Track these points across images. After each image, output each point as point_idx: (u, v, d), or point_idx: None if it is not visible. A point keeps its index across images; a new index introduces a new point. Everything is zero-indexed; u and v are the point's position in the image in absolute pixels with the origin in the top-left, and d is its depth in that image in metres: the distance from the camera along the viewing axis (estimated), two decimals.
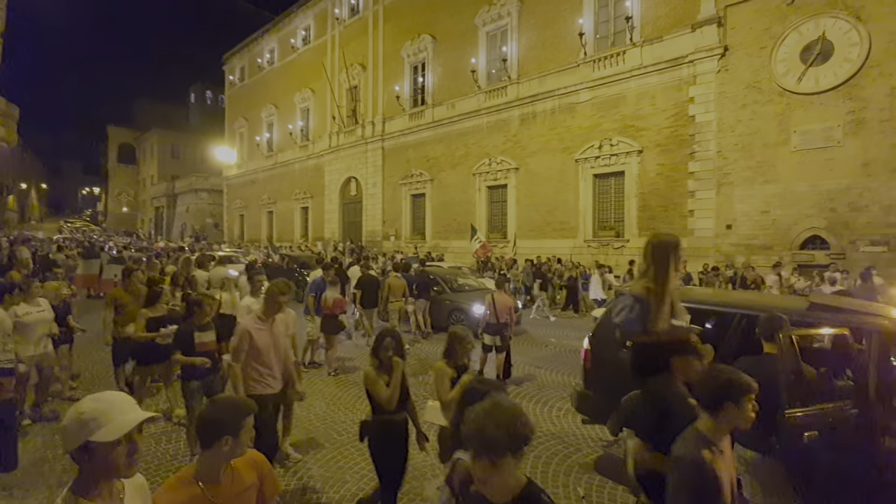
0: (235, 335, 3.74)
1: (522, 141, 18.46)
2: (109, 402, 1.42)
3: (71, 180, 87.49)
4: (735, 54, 13.25)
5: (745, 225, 13.06)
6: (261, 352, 3.72)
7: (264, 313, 3.82)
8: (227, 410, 1.78)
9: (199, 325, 4.34)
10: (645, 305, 2.73)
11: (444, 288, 11.17)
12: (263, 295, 3.97)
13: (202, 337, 4.31)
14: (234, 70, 39.98)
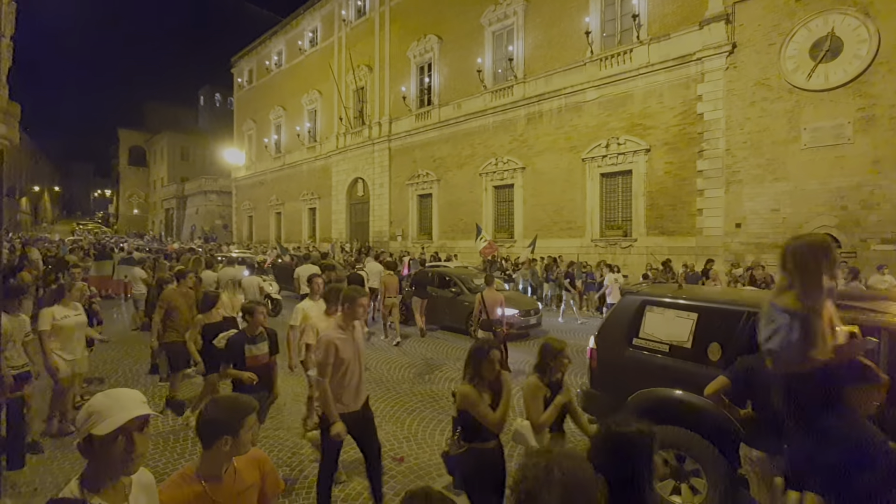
0: (319, 348, 3.36)
1: (529, 140, 18.43)
2: (116, 399, 1.46)
3: (83, 183, 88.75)
4: (743, 51, 13.12)
5: (755, 223, 12.93)
6: (345, 365, 3.35)
7: (344, 321, 3.43)
8: (227, 410, 1.78)
9: (251, 337, 4.00)
10: (807, 324, 2.23)
11: (462, 288, 10.88)
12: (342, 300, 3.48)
13: (254, 349, 3.96)
14: (243, 72, 40.31)
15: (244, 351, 3.91)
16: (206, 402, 1.87)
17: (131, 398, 1.50)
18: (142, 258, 15.73)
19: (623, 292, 4.87)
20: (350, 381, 3.38)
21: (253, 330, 4.03)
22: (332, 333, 3.37)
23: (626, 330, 4.26)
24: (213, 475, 1.76)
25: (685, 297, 4.10)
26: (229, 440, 1.73)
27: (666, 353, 3.93)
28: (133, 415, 1.43)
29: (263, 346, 4.05)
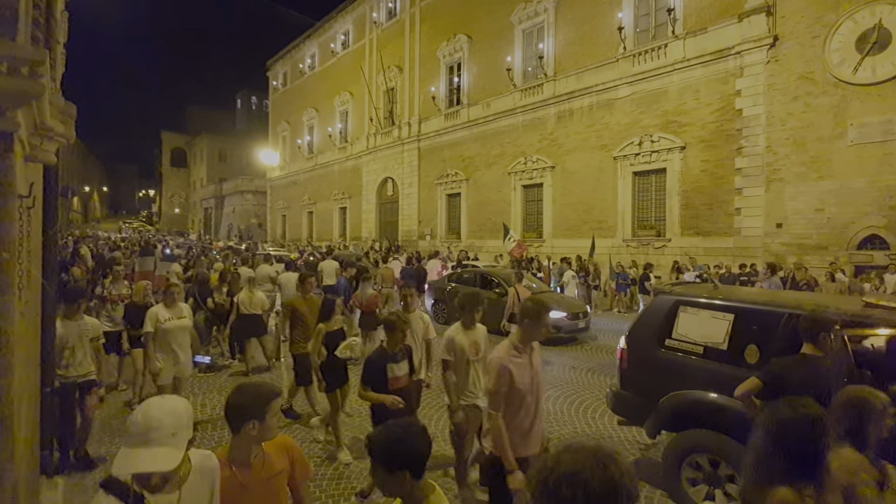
0: (490, 373, 2.74)
1: (559, 139, 18.21)
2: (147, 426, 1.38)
3: (128, 183, 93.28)
4: (785, 44, 12.57)
5: (798, 224, 12.37)
6: (521, 396, 2.72)
7: (521, 340, 2.78)
8: (252, 396, 1.80)
9: (392, 354, 3.47)
10: None
11: (506, 289, 10.07)
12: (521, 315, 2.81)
13: (395, 370, 3.44)
14: (278, 76, 41.42)
15: (386, 371, 3.39)
16: (233, 389, 1.88)
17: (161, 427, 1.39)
18: (178, 254, 16.41)
19: (655, 292, 4.76)
20: (523, 420, 2.74)
21: (394, 346, 3.49)
22: (505, 355, 2.73)
23: (658, 330, 4.18)
24: (243, 460, 1.79)
25: (721, 297, 3.99)
26: (256, 424, 1.76)
27: (700, 355, 3.84)
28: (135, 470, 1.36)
29: (404, 364, 3.54)
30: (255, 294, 7.21)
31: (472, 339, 3.76)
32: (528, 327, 2.78)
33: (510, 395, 2.67)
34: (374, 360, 3.48)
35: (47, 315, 3.22)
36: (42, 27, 2.02)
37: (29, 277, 2.12)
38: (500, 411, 2.66)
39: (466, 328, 3.78)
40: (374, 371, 3.42)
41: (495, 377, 2.68)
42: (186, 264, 12.80)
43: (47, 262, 3.02)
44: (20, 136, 1.70)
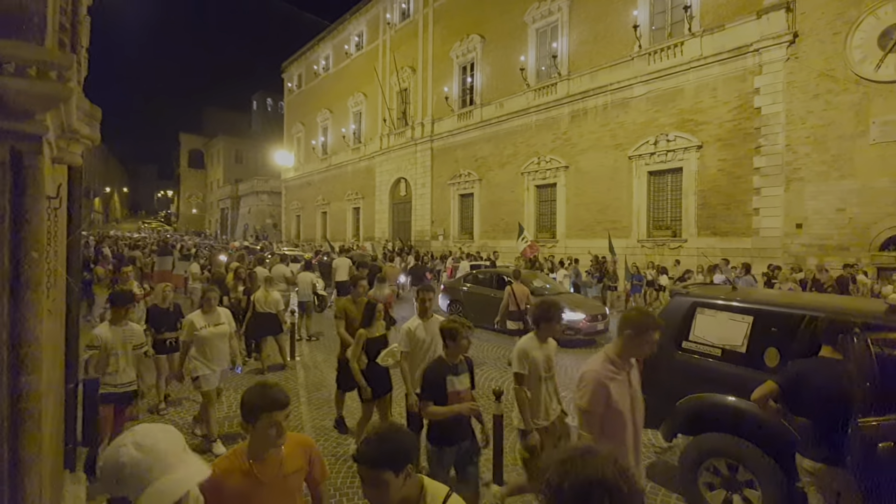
0: (583, 389, 2.37)
1: (573, 139, 18.08)
2: (155, 455, 1.16)
3: (148, 184, 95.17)
4: (805, 41, 12.31)
5: (818, 224, 12.10)
6: (620, 420, 2.35)
7: (620, 355, 2.43)
8: (259, 396, 1.82)
9: (452, 366, 3.10)
10: None
11: None
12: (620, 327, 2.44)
13: (456, 383, 3.07)
14: (293, 77, 41.87)
15: (445, 384, 3.04)
16: (249, 387, 1.90)
17: (172, 447, 1.20)
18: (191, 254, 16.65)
19: (672, 293, 4.70)
20: (619, 448, 2.31)
21: (454, 357, 3.14)
22: (601, 370, 2.38)
23: (674, 332, 4.13)
24: (260, 456, 1.82)
25: (739, 298, 3.93)
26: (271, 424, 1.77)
27: (718, 358, 3.78)
28: (189, 486, 1.19)
29: (465, 378, 3.15)
30: (271, 293, 7.30)
31: (546, 354, 3.49)
32: (630, 340, 2.39)
33: (607, 417, 2.32)
34: (433, 372, 3.09)
35: (71, 313, 3.30)
36: (68, 32, 2.07)
37: (56, 276, 2.18)
38: (595, 433, 2.30)
39: (542, 341, 3.46)
40: (432, 384, 3.04)
41: (590, 394, 2.31)
42: (203, 263, 13.01)
43: (72, 261, 3.10)
44: (48, 139, 1.75)
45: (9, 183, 1.61)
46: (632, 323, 2.39)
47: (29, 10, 1.62)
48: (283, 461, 1.88)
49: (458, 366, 3.13)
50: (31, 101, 1.59)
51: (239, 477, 1.79)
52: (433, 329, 4.04)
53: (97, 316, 9.98)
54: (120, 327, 4.05)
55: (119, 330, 4.03)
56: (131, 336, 4.09)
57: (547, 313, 3.43)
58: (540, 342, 3.47)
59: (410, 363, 4.03)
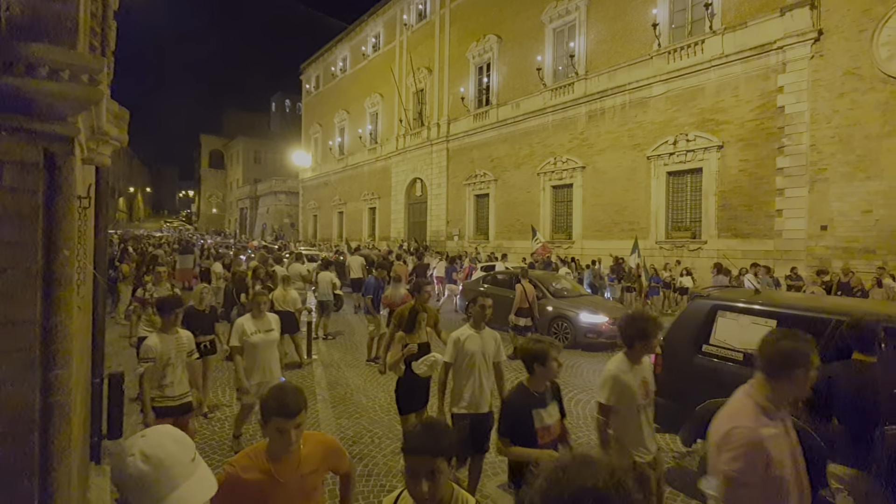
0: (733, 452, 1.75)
1: (590, 139, 17.92)
2: (163, 468, 1.12)
3: (170, 184, 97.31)
4: (830, 39, 11.99)
5: (844, 226, 11.77)
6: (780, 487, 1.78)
7: (773, 398, 1.83)
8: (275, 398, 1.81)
9: (538, 395, 2.62)
10: None
11: (545, 292, 9.83)
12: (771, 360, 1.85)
13: (545, 417, 2.59)
14: (311, 79, 42.35)
15: (532, 418, 2.54)
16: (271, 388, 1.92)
17: (179, 461, 1.16)
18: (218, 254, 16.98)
19: (692, 296, 4.63)
20: None
21: (540, 384, 2.64)
22: (754, 423, 1.77)
23: (694, 336, 4.07)
24: (278, 456, 1.82)
25: (762, 302, 3.85)
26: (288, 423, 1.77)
27: (740, 362, 3.71)
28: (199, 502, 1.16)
29: (555, 409, 2.68)
30: (289, 292, 7.39)
31: (642, 378, 2.85)
32: (786, 377, 1.80)
33: (764, 488, 1.73)
34: (515, 405, 2.60)
35: (98, 309, 3.39)
36: (98, 36, 2.13)
37: (84, 273, 2.24)
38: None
39: (634, 363, 2.84)
40: (516, 419, 2.55)
41: (743, 461, 1.71)
42: (225, 262, 13.25)
43: (99, 259, 3.19)
44: (80, 140, 1.80)
45: (42, 183, 1.67)
46: (794, 359, 1.80)
47: (61, 14, 1.68)
48: (302, 461, 1.88)
49: (545, 395, 2.66)
50: (63, 103, 1.64)
51: (257, 475, 1.79)
52: (485, 341, 3.70)
53: (122, 313, 10.25)
54: (171, 335, 3.75)
55: (171, 338, 3.73)
56: (183, 344, 3.80)
57: (643, 330, 2.79)
58: (632, 363, 2.87)
59: (454, 377, 3.66)
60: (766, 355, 1.87)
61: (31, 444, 1.65)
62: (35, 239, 1.65)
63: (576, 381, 7.22)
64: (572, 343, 9.04)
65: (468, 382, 3.59)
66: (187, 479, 1.15)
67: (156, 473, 1.11)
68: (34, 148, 1.65)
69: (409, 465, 1.47)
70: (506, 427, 2.57)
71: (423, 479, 1.42)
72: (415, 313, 4.12)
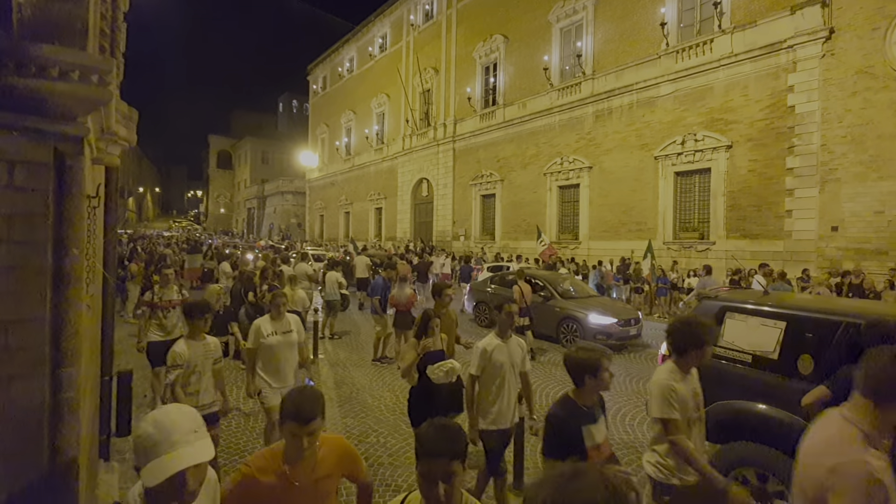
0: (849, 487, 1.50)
1: (597, 139, 17.84)
2: (165, 432, 1.29)
3: (178, 184, 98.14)
4: (842, 37, 11.84)
5: (855, 227, 11.62)
6: None
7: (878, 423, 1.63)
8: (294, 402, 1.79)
9: (587, 409, 2.38)
10: None
11: (553, 293, 9.84)
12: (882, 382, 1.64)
13: (595, 434, 2.36)
14: (318, 79, 42.56)
15: (582, 436, 2.29)
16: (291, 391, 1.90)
17: (181, 428, 1.32)
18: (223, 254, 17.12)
19: (700, 297, 4.59)
20: None
21: (589, 397, 2.41)
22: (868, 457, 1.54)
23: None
24: (293, 459, 1.81)
25: (771, 303, 3.81)
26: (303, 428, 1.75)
27: (748, 364, 3.68)
28: (181, 466, 1.27)
29: (602, 424, 2.46)
30: (297, 292, 7.43)
31: (693, 388, 2.64)
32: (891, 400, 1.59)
33: None
34: (563, 419, 2.32)
35: (107, 308, 3.43)
36: (108, 37, 2.16)
37: (94, 272, 2.27)
38: None
39: (685, 372, 2.60)
40: (565, 437, 2.27)
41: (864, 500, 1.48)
42: (232, 261, 13.35)
43: (108, 258, 3.22)
44: (89, 140, 1.82)
45: (52, 183, 1.69)
46: None
47: (72, 16, 1.70)
48: (317, 465, 1.87)
49: (593, 409, 2.40)
50: (73, 103, 1.66)
51: (273, 477, 1.79)
52: (512, 350, 3.50)
53: (131, 312, 10.35)
54: (199, 342, 3.59)
55: (198, 345, 3.57)
56: (211, 351, 3.63)
57: (698, 337, 2.55)
58: (683, 374, 2.62)
59: (481, 390, 3.42)
60: (877, 380, 1.65)
61: (41, 440, 1.68)
62: (45, 238, 1.67)
63: None
64: None
65: (497, 396, 3.39)
66: (186, 446, 1.30)
67: (159, 435, 1.28)
68: (45, 148, 1.67)
69: (425, 468, 1.44)
70: (553, 447, 2.29)
71: (440, 483, 1.40)
72: (427, 318, 3.85)
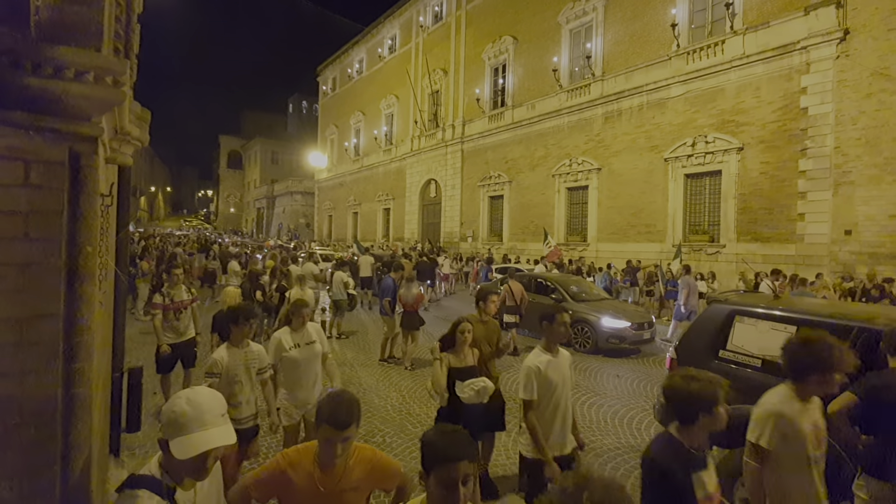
0: None
1: (606, 140, 17.75)
2: (199, 411, 1.41)
3: (189, 184, 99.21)
4: (857, 38, 11.67)
5: (870, 230, 11.44)
6: None
7: None
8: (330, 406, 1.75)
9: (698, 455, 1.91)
10: None
11: (564, 295, 9.69)
12: None
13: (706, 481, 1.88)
14: (327, 80, 42.80)
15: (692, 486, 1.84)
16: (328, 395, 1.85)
17: (212, 410, 1.44)
18: (237, 252, 17.30)
19: (709, 300, 4.56)
20: None
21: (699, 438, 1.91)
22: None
23: (711, 340, 4.00)
24: (325, 464, 1.77)
25: (782, 307, 3.77)
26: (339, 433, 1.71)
27: (757, 368, 3.64)
28: (211, 445, 1.40)
29: (712, 468, 1.96)
30: (305, 292, 7.48)
31: (812, 421, 2.20)
32: None
33: None
34: (671, 466, 1.86)
35: (119, 305, 3.48)
36: (122, 39, 2.19)
37: (106, 270, 2.30)
38: None
39: (803, 401, 2.21)
40: (673, 487, 1.84)
41: None
42: (241, 261, 13.50)
43: (120, 255, 3.27)
44: (103, 140, 1.85)
45: (67, 181, 1.72)
46: None
47: (87, 18, 1.73)
48: (345, 475, 1.81)
49: (704, 452, 1.93)
50: (88, 104, 1.69)
51: (302, 476, 1.77)
52: (564, 367, 3.03)
53: (141, 309, 10.47)
54: (241, 349, 3.36)
55: (240, 352, 3.34)
56: (255, 359, 3.39)
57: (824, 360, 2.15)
58: (802, 401, 2.20)
59: (539, 417, 2.87)
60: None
61: (54, 434, 1.71)
62: (60, 235, 1.71)
63: (594, 385, 7.14)
64: (593, 348, 8.90)
65: (552, 421, 2.92)
66: (215, 427, 1.42)
67: (193, 413, 1.39)
68: (60, 147, 1.70)
69: (444, 474, 1.39)
70: (658, 497, 1.89)
71: (461, 486, 1.38)
72: (455, 327, 3.46)
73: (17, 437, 1.64)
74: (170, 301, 5.34)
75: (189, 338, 5.53)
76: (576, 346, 9.00)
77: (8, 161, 1.62)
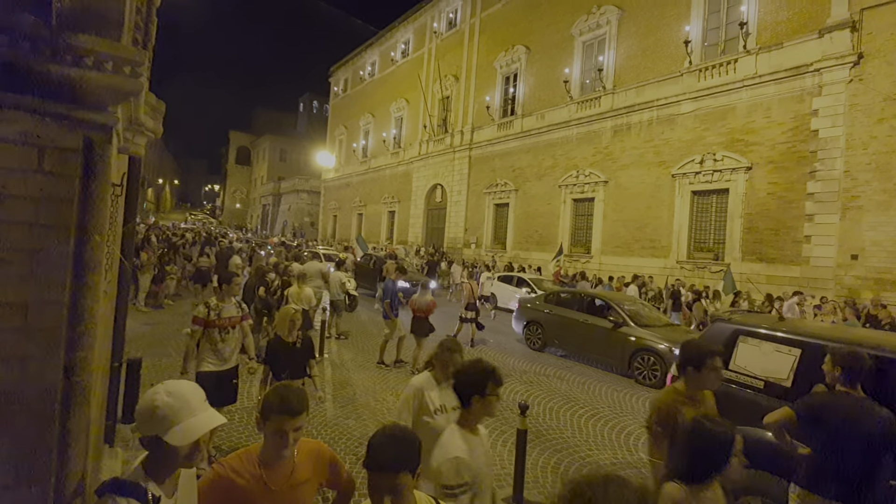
0: None
1: (614, 153, 17.75)
2: (183, 400, 1.42)
3: (197, 177, 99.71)
4: (871, 62, 11.67)
5: (876, 256, 11.37)
6: None
7: None
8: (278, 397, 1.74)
9: None
10: None
11: (624, 318, 8.53)
12: None
13: None
14: (339, 82, 43.06)
15: None
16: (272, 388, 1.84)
17: (196, 396, 1.47)
18: (240, 248, 17.32)
19: (713, 319, 4.52)
20: None
21: None
22: None
23: None
24: (271, 461, 1.75)
25: (786, 329, 3.73)
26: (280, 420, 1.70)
27: (759, 390, 3.60)
28: (209, 427, 1.44)
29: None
30: (304, 289, 7.47)
31: None
32: None
33: None
34: None
35: (121, 295, 3.48)
36: (141, 30, 2.21)
37: (112, 259, 2.30)
38: None
39: None
40: None
41: None
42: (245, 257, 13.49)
43: (126, 246, 3.27)
44: (118, 130, 1.86)
45: (80, 169, 1.72)
46: None
47: (109, 8, 1.74)
48: (295, 470, 1.79)
49: None
50: (105, 93, 1.70)
51: (247, 480, 1.72)
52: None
53: (142, 300, 10.49)
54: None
55: None
56: None
57: None
58: None
59: None
60: None
61: (52, 421, 1.70)
62: (69, 223, 1.70)
63: (633, 410, 7.08)
64: (660, 382, 7.48)
65: None
66: (202, 413, 1.45)
67: (178, 403, 1.41)
68: (74, 135, 1.70)
69: (371, 481, 1.44)
70: None
71: (387, 496, 1.39)
72: None
73: (16, 422, 1.64)
74: (216, 316, 4.19)
75: (232, 367, 4.35)
76: (638, 379, 8.01)
77: (22, 146, 1.62)
